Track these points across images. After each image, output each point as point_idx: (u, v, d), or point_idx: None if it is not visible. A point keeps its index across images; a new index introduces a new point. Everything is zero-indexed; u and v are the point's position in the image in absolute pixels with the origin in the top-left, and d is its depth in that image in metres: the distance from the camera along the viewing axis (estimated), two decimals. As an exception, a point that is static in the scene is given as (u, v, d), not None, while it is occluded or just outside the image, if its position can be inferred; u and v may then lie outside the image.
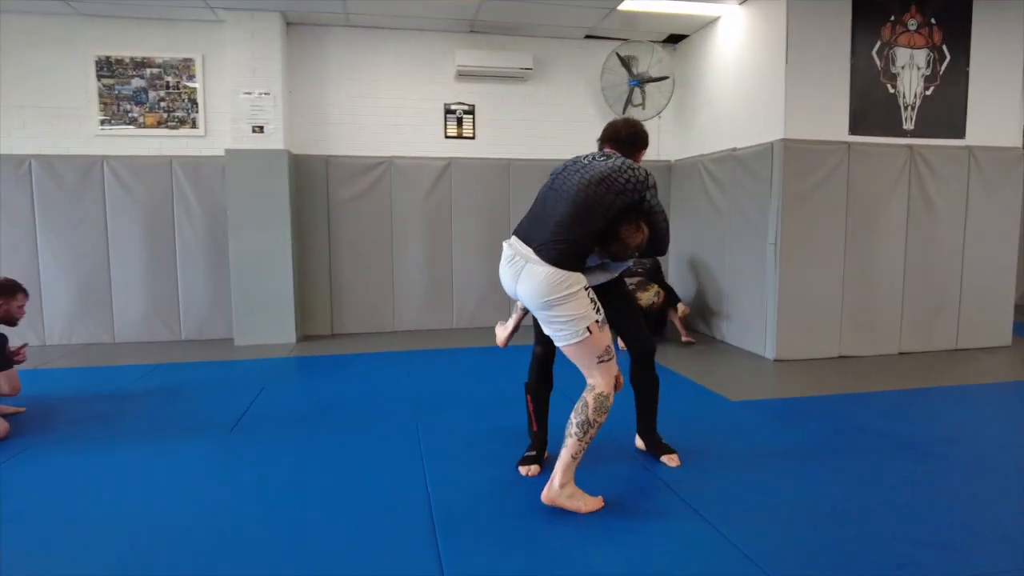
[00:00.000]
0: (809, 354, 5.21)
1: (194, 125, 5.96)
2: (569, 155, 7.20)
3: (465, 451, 3.21)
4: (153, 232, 5.91)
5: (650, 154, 7.03)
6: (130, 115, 5.92)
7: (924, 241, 5.46)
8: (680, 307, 5.83)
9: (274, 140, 5.71)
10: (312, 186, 6.17)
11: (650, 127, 6.74)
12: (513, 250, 2.53)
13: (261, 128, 5.67)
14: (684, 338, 5.81)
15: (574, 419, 2.47)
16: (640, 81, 6.51)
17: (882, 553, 2.23)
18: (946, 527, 2.42)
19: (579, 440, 2.44)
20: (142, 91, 5.91)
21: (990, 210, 5.60)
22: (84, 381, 4.55)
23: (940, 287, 5.56)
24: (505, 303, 6.68)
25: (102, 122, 5.86)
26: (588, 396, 2.46)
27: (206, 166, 5.89)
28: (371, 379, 4.70)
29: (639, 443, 3.16)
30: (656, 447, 3.05)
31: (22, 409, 3.72)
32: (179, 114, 5.96)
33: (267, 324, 5.85)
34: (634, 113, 6.68)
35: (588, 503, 2.49)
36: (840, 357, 5.26)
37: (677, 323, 5.87)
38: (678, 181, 6.78)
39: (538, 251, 2.42)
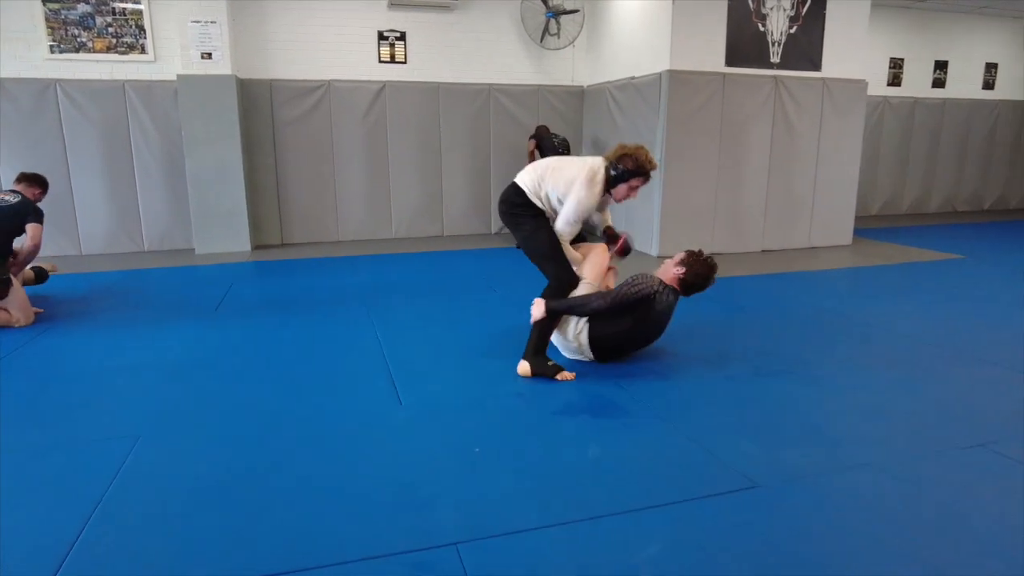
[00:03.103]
0: (687, 251, 6.35)
1: (143, 51, 6.40)
2: (494, 80, 7.94)
3: (407, 318, 4.19)
4: (111, 152, 6.43)
5: (565, 79, 7.91)
6: (79, 40, 6.30)
7: (785, 158, 6.60)
8: None
9: (222, 66, 6.25)
10: (258, 108, 6.77)
11: (565, 55, 7.64)
12: None
13: (210, 55, 6.20)
14: None
15: None
16: (555, 13, 7.26)
17: (688, 371, 3.37)
18: (739, 345, 3.59)
19: None
20: (89, 16, 6.28)
21: (839, 133, 6.77)
22: (64, 285, 5.23)
23: (797, 196, 6.77)
24: (439, 214, 7.56)
25: (51, 47, 6.23)
26: None
27: (158, 90, 6.39)
28: (324, 276, 5.57)
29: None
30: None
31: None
32: (128, 40, 6.38)
33: (224, 234, 6.56)
34: (551, 42, 7.47)
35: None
36: (712, 253, 6.43)
37: None
38: (589, 105, 7.68)
39: None
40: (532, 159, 7.05)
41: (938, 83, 9.55)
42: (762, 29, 6.30)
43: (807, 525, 1.97)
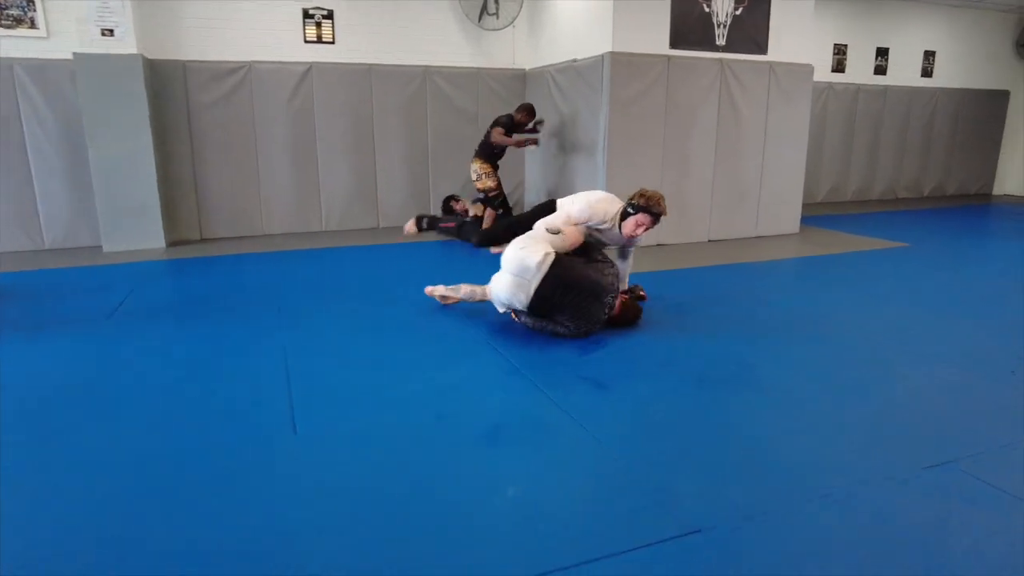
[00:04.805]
0: (632, 243, 6.10)
1: (33, 25, 5.75)
2: (430, 62, 7.52)
3: (323, 324, 3.79)
4: (0, 139, 5.78)
5: (506, 62, 7.54)
6: (-43, 12, 5.61)
7: (731, 144, 6.39)
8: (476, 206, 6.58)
9: (126, 44, 5.66)
10: (171, 92, 6.19)
11: (505, 36, 7.26)
12: None
13: (111, 31, 5.59)
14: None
15: None
16: (493, -9, 6.87)
17: (626, 381, 3.08)
18: (682, 348, 3.33)
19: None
20: (-32, -14, 5.60)
21: (785, 118, 6.60)
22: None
23: (744, 184, 6.58)
24: (373, 205, 7.13)
25: (-74, 19, 5.54)
26: None
27: (53, 70, 5.75)
28: (242, 274, 5.11)
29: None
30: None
31: None
32: (14, 12, 5.71)
33: (135, 230, 5.98)
34: (489, 22, 7.08)
35: None
36: (658, 245, 6.20)
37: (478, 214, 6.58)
38: (531, 87, 7.33)
39: None
40: (513, 141, 6.35)
41: (880, 70, 9.53)
42: (707, 10, 6.04)
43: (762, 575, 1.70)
